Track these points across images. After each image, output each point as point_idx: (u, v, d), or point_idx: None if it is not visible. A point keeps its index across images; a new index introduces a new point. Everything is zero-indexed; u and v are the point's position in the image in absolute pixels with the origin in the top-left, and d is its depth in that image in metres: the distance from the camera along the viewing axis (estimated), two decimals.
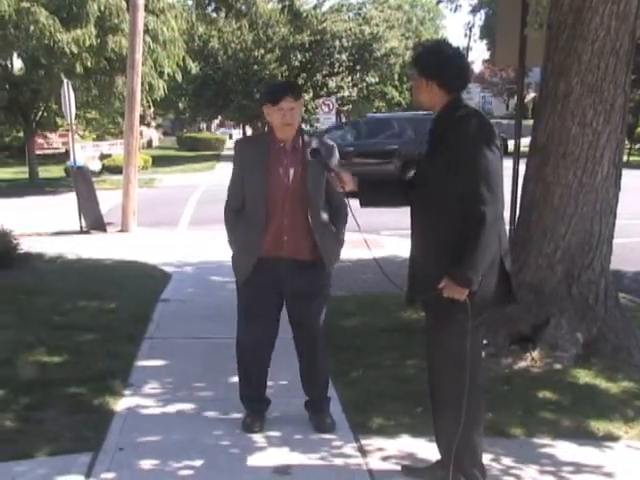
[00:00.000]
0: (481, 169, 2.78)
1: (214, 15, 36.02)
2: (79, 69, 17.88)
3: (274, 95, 3.44)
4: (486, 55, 44.53)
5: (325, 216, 3.58)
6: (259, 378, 3.81)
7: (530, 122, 5.50)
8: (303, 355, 3.77)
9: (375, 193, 3.25)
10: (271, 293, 3.61)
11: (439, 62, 2.92)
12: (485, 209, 2.75)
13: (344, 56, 37.19)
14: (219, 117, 46.46)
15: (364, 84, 39.82)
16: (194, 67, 23.50)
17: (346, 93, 38.46)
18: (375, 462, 3.44)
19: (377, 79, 42.22)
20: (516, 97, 7.59)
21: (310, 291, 3.58)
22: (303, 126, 3.70)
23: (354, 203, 3.24)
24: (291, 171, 3.48)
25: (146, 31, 16.28)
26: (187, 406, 4.09)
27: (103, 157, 25.28)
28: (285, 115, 3.40)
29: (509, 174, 4.81)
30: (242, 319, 3.73)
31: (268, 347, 3.77)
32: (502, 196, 2.87)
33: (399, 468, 3.36)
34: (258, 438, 3.67)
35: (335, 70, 37.76)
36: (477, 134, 2.83)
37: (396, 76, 53.30)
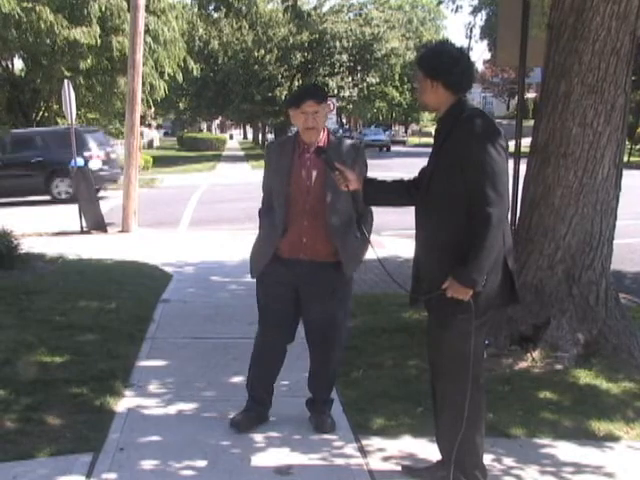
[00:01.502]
0: (487, 170, 2.77)
1: (215, 15, 36.16)
2: (82, 65, 17.90)
3: (297, 99, 3.46)
4: (487, 55, 44.53)
5: (347, 219, 3.51)
6: (261, 381, 3.81)
7: (531, 122, 5.50)
8: (313, 354, 3.77)
9: (379, 192, 3.25)
10: (287, 296, 3.60)
11: (444, 63, 2.90)
12: (491, 210, 2.75)
13: (344, 56, 37.23)
14: (219, 117, 46.54)
15: (365, 84, 39.86)
16: (195, 68, 23.51)
17: (347, 93, 38.50)
18: (375, 462, 3.44)
19: (378, 79, 42.27)
20: (517, 97, 7.59)
21: (326, 293, 3.56)
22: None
23: None
24: (314, 173, 3.48)
25: (147, 31, 16.31)
26: (188, 406, 4.10)
27: None
28: (308, 119, 3.40)
29: (510, 174, 4.82)
30: (260, 320, 3.74)
31: (276, 350, 3.75)
32: (507, 196, 2.87)
33: (399, 468, 3.36)
34: (259, 438, 3.67)
35: (335, 70, 37.81)
36: (483, 135, 2.82)
37: (397, 76, 53.35)
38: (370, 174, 3.46)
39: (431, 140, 3.26)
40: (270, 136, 45.83)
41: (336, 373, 3.86)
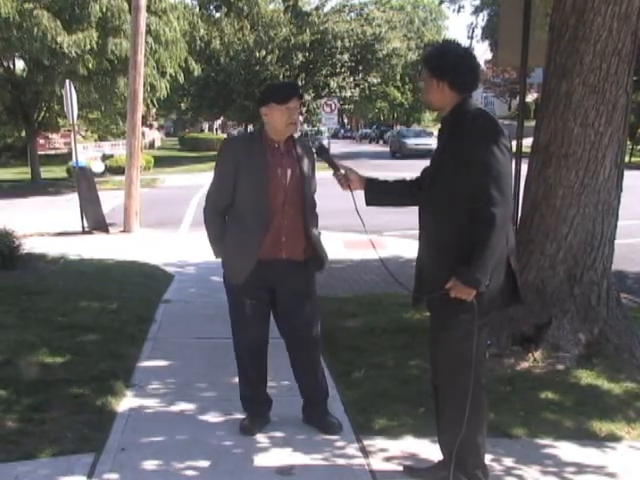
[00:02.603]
0: (491, 170, 2.77)
1: (217, 15, 36.13)
2: (81, 70, 17.91)
3: (283, 95, 3.43)
4: (488, 56, 44.44)
5: (314, 217, 3.65)
6: (259, 378, 3.81)
7: (532, 123, 5.50)
8: (299, 355, 3.74)
9: (381, 192, 3.25)
10: (263, 293, 3.61)
11: (450, 62, 2.88)
12: (495, 210, 2.75)
13: (346, 56, 37.18)
14: (221, 118, 46.56)
15: (366, 84, 39.83)
16: (196, 68, 23.51)
17: (348, 93, 38.46)
18: (377, 463, 3.44)
19: (379, 79, 42.24)
20: (518, 97, 7.59)
21: (304, 291, 3.61)
22: (305, 126, 3.73)
23: (359, 202, 3.23)
24: (288, 172, 3.48)
25: (148, 32, 16.31)
26: (189, 406, 4.10)
27: (105, 157, 25.33)
28: (292, 114, 3.42)
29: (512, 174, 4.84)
30: (236, 321, 3.71)
31: (263, 346, 3.77)
32: (511, 197, 2.87)
33: (401, 469, 3.36)
34: (261, 438, 3.68)
35: (337, 70, 37.75)
36: (487, 135, 2.81)
37: (398, 77, 53.35)
38: (372, 174, 3.46)
39: None
40: None
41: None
